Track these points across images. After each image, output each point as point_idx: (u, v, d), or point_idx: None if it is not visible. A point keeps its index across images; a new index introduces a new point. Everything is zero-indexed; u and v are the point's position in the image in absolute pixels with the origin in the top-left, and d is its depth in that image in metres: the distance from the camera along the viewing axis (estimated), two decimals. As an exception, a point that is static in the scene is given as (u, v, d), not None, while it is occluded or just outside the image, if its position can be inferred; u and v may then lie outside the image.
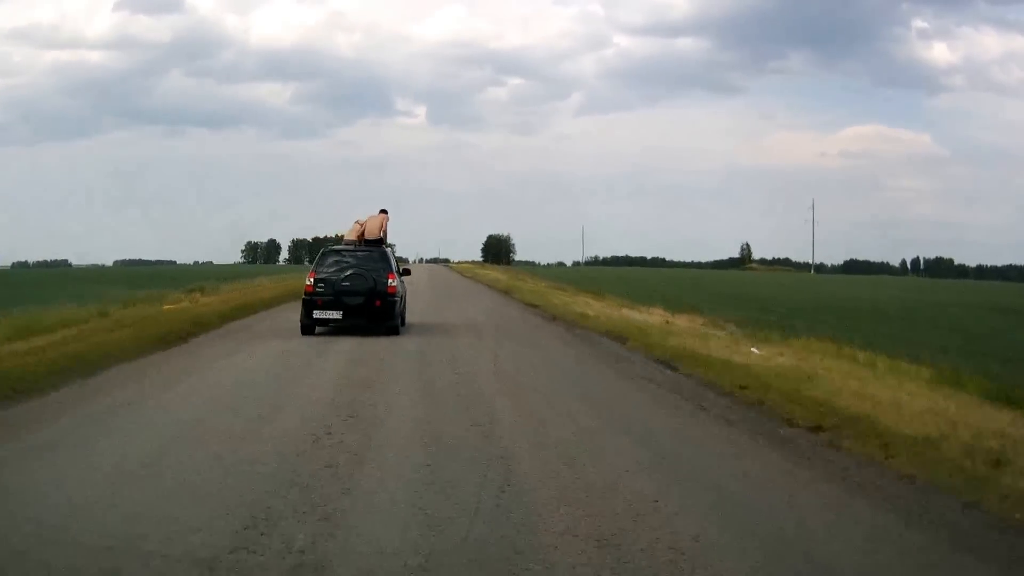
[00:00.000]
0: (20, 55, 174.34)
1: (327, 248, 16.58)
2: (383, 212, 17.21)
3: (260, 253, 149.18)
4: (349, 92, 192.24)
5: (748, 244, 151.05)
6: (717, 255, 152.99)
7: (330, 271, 15.21)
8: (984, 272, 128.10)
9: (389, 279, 15.17)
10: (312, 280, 15.12)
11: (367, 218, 16.86)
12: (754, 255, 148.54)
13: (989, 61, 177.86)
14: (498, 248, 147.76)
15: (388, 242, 16.94)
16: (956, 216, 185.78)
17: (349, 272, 15.12)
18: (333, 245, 17.15)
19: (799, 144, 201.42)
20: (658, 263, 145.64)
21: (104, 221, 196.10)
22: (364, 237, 16.40)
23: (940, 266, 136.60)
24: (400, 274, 16.44)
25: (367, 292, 14.95)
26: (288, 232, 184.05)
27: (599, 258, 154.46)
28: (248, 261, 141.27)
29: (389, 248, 16.70)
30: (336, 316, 14.91)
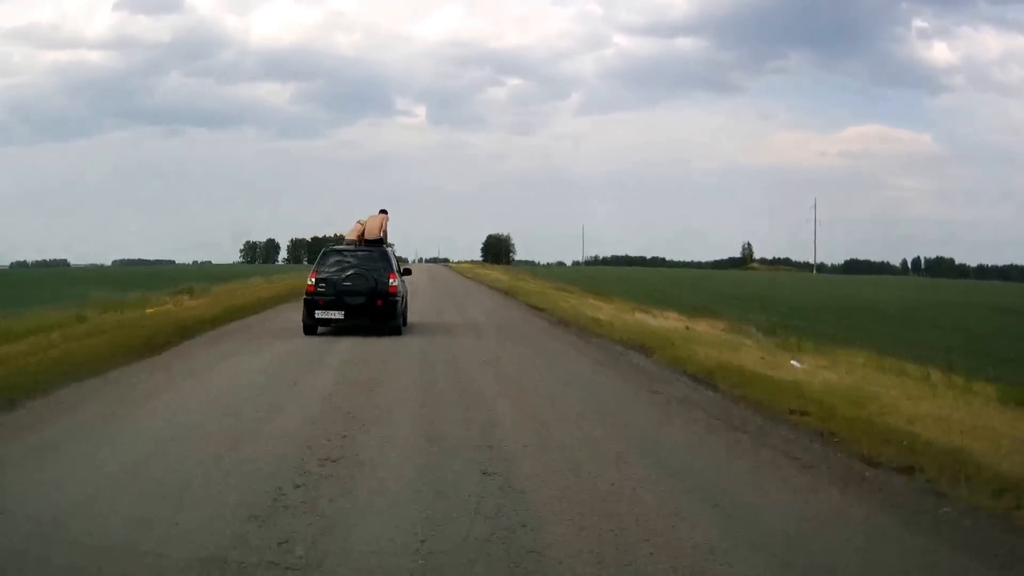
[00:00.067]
0: (20, 55, 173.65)
1: (328, 248, 16.46)
2: (383, 212, 17.06)
3: (259, 253, 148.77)
4: (349, 92, 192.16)
5: (750, 244, 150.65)
6: (717, 255, 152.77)
7: (331, 271, 15.14)
8: (985, 272, 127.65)
9: (390, 279, 15.10)
10: (313, 280, 15.05)
11: (367, 218, 16.71)
12: (755, 255, 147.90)
13: (989, 61, 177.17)
14: (498, 248, 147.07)
15: (388, 242, 16.80)
16: (957, 216, 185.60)
17: (350, 272, 15.05)
18: (333, 245, 17.11)
19: (799, 144, 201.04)
20: (658, 263, 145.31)
21: (103, 221, 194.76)
22: (364, 237, 16.26)
23: (941, 266, 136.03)
24: (401, 274, 16.34)
25: (368, 292, 14.89)
26: (287, 232, 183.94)
27: (599, 258, 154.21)
28: (247, 261, 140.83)
29: (389, 248, 16.56)
30: (338, 316, 14.84)
